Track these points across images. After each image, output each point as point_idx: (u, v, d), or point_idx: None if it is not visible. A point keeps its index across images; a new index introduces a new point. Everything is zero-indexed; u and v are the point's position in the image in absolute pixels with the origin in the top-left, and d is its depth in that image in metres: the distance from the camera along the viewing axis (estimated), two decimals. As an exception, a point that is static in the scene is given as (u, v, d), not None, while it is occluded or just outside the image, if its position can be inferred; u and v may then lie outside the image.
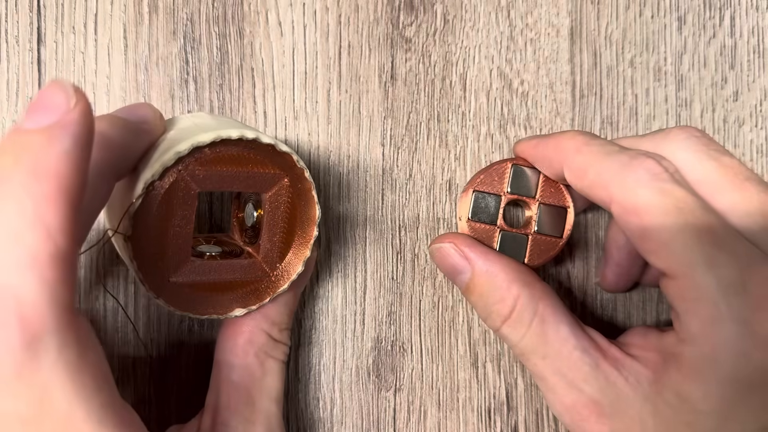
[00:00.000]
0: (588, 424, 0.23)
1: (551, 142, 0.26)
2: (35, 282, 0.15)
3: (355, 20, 0.29)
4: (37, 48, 0.28)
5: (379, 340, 0.29)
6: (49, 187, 0.15)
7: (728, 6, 0.31)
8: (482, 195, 0.27)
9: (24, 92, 0.28)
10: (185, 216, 0.21)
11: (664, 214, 0.21)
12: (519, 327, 0.25)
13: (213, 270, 0.22)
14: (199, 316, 0.22)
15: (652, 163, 0.22)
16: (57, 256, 0.15)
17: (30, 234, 0.15)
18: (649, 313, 0.30)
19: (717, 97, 0.31)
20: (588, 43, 0.30)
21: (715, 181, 0.23)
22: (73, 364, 0.16)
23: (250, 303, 0.23)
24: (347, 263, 0.29)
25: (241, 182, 0.22)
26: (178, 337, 0.28)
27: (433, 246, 0.27)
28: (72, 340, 0.16)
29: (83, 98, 0.16)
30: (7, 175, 0.15)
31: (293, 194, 0.23)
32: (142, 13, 0.28)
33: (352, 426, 0.29)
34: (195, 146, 0.20)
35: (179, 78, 0.28)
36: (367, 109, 0.29)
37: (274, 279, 0.23)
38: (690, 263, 0.21)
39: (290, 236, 0.23)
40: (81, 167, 0.16)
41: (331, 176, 0.29)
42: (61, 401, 0.16)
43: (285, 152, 0.22)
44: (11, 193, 0.15)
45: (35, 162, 0.15)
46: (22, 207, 0.14)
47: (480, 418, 0.29)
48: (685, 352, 0.21)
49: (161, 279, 0.21)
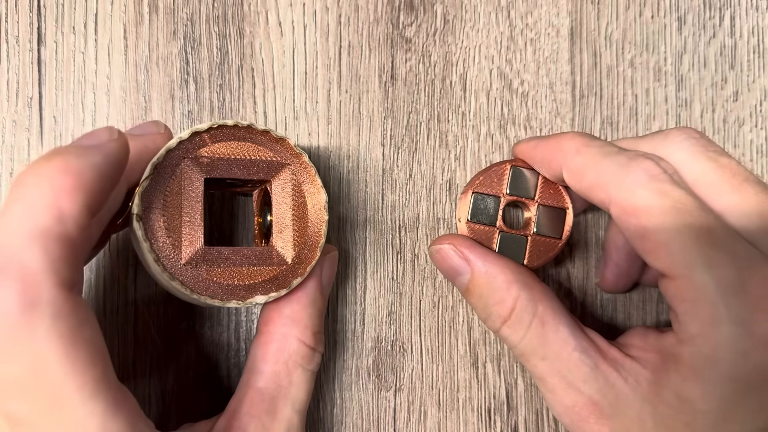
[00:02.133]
0: (588, 424, 0.23)
1: (550, 144, 0.26)
2: (39, 253, 0.16)
3: (355, 20, 0.29)
4: (38, 48, 0.28)
5: (379, 340, 0.29)
6: (71, 183, 0.17)
7: (728, 6, 0.31)
8: (481, 196, 0.27)
9: (24, 92, 0.28)
10: (194, 200, 0.22)
11: (662, 215, 0.21)
12: (518, 328, 0.25)
13: (227, 255, 0.22)
14: (219, 302, 0.22)
15: (650, 164, 0.22)
16: (64, 238, 0.17)
17: (44, 214, 0.16)
18: (649, 313, 0.30)
19: (717, 98, 0.31)
20: (588, 44, 0.30)
21: (713, 182, 0.23)
22: (66, 336, 0.16)
23: (270, 290, 0.23)
24: (347, 263, 0.29)
25: (245, 168, 0.23)
26: (179, 338, 0.28)
27: (432, 247, 0.27)
28: (68, 313, 0.17)
29: (123, 137, 0.19)
30: (38, 167, 0.17)
31: (298, 180, 0.23)
32: (142, 14, 0.28)
33: (352, 426, 0.29)
34: (194, 131, 0.22)
35: (179, 78, 0.28)
36: (367, 109, 0.29)
37: (292, 265, 0.23)
38: (688, 264, 0.21)
39: (303, 223, 0.23)
40: (104, 180, 0.18)
41: (331, 176, 0.29)
42: (55, 370, 0.16)
43: (281, 138, 0.23)
44: (38, 180, 0.17)
45: (66, 164, 0.17)
46: (43, 192, 0.17)
47: (480, 418, 0.29)
48: (684, 353, 0.21)
49: (175, 262, 0.22)
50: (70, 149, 0.18)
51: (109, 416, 0.17)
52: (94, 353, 0.17)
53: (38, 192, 0.17)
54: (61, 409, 0.17)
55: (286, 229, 0.23)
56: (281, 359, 0.23)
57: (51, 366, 0.16)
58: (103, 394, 0.17)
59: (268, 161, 0.23)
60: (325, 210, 0.23)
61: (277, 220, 0.23)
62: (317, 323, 0.24)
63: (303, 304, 0.24)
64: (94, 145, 0.18)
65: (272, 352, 0.24)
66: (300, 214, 0.23)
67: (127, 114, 0.28)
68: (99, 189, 0.17)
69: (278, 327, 0.24)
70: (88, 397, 0.17)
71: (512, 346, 0.25)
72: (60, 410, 0.17)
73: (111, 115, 0.28)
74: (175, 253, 0.22)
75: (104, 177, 0.18)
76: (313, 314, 0.24)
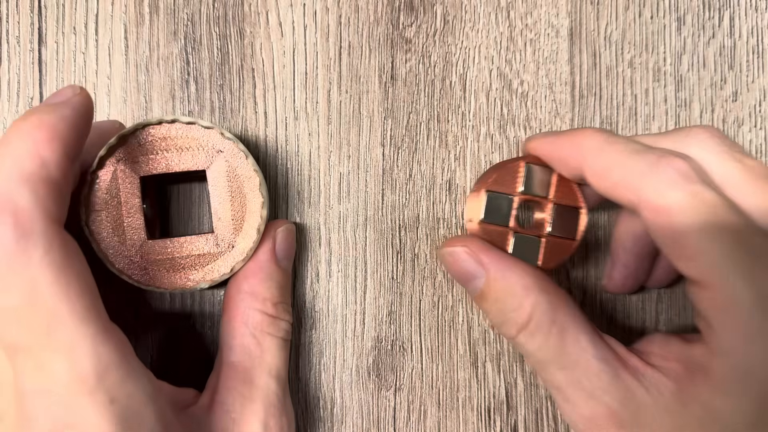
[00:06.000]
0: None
1: (568, 141, 0.24)
2: (28, 193, 0.18)
3: (355, 21, 0.29)
4: (38, 48, 0.28)
5: (379, 340, 0.29)
6: (47, 135, 0.19)
7: (727, 6, 0.31)
8: (495, 195, 0.26)
9: (25, 92, 0.28)
10: (132, 199, 0.24)
11: (696, 219, 0.20)
12: (537, 336, 0.23)
13: (170, 246, 0.25)
14: (164, 289, 0.24)
15: (681, 162, 0.21)
16: (48, 180, 0.19)
17: (29, 161, 0.19)
18: (649, 312, 0.30)
19: (716, 98, 0.31)
20: (587, 44, 0.30)
21: (738, 184, 0.22)
22: (58, 265, 0.18)
23: (213, 273, 0.25)
24: (347, 263, 0.29)
25: (179, 161, 0.24)
26: (178, 336, 0.28)
27: (444, 250, 0.26)
28: (58, 245, 0.18)
29: (85, 91, 0.21)
30: (18, 126, 0.19)
31: (232, 166, 0.25)
32: (142, 14, 0.28)
33: (352, 425, 0.29)
34: (120, 136, 0.24)
35: (180, 78, 0.28)
36: (368, 110, 0.29)
37: (234, 248, 0.25)
38: (726, 273, 0.20)
39: (241, 206, 0.25)
40: (76, 129, 0.20)
41: (331, 176, 0.29)
42: (48, 295, 0.18)
43: (209, 127, 0.24)
44: (19, 135, 0.19)
45: (40, 119, 0.19)
46: (25, 144, 0.19)
47: (480, 417, 0.29)
48: (715, 365, 0.21)
49: (122, 257, 0.24)
50: (42, 107, 0.20)
51: (100, 341, 0.19)
52: (84, 284, 0.19)
53: (21, 145, 0.19)
54: (55, 332, 0.18)
55: (225, 215, 0.25)
56: (247, 332, 0.25)
57: (44, 291, 0.18)
58: (94, 320, 0.19)
59: (199, 151, 0.25)
60: (260, 191, 0.25)
61: (216, 207, 0.25)
62: (277, 294, 0.25)
63: (259, 278, 0.25)
64: (62, 101, 0.20)
65: (237, 326, 0.25)
66: (237, 198, 0.25)
67: (127, 114, 0.28)
68: (73, 137, 0.20)
69: (239, 302, 0.25)
70: (80, 322, 0.18)
71: (528, 354, 0.24)
72: (54, 334, 0.18)
73: (112, 115, 0.28)
74: (121, 250, 0.24)
75: (75, 126, 0.20)
76: (271, 287, 0.25)
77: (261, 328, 0.25)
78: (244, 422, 0.24)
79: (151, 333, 0.28)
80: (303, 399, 0.29)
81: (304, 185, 0.29)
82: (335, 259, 0.29)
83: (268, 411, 0.24)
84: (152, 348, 0.28)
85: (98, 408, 0.19)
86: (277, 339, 0.25)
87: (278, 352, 0.25)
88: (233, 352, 0.25)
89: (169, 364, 0.28)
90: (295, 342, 0.29)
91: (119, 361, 0.19)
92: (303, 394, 0.29)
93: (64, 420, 0.19)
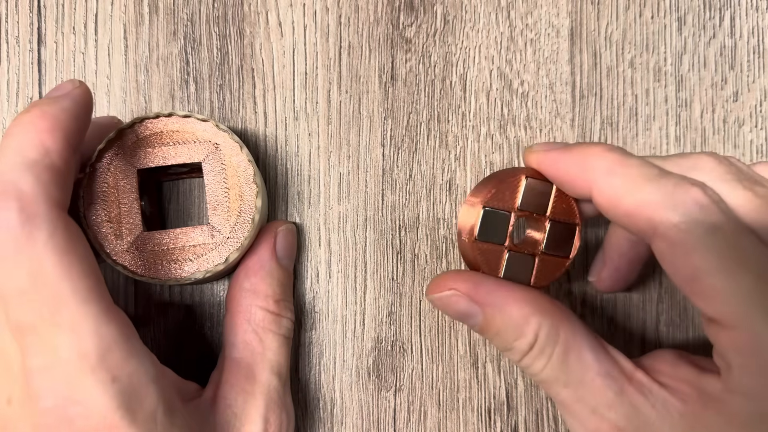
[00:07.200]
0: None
1: (575, 158, 0.23)
2: (32, 179, 0.19)
3: (355, 21, 0.29)
4: (38, 48, 0.28)
5: (379, 340, 0.29)
6: (49, 125, 0.20)
7: (728, 6, 0.31)
8: (493, 212, 0.24)
9: (24, 92, 0.28)
10: (129, 192, 0.25)
11: (718, 256, 0.20)
12: (541, 359, 0.23)
13: (166, 238, 0.25)
14: (160, 281, 0.25)
15: (699, 192, 0.21)
16: (51, 167, 0.20)
17: (32, 150, 0.20)
18: (650, 313, 0.30)
19: (717, 98, 0.31)
20: (588, 44, 0.30)
21: (749, 213, 0.21)
22: (62, 248, 0.19)
23: (208, 265, 0.25)
24: (347, 263, 0.29)
25: (175, 154, 0.25)
26: (179, 336, 0.28)
27: (432, 296, 0.25)
28: (62, 228, 0.19)
29: (84, 84, 0.22)
30: (21, 117, 0.20)
31: (227, 158, 0.25)
32: (142, 14, 0.28)
33: (352, 426, 0.29)
34: (119, 130, 0.24)
35: (180, 78, 0.28)
36: (367, 110, 0.29)
37: (229, 240, 0.25)
38: (749, 315, 0.19)
39: (236, 198, 0.25)
40: (76, 119, 0.21)
41: (331, 176, 0.29)
42: (52, 276, 0.19)
43: (204, 119, 0.25)
44: (22, 126, 0.20)
45: (42, 111, 0.20)
46: (28, 134, 0.20)
47: (480, 418, 0.29)
48: (734, 403, 0.20)
49: (118, 249, 0.24)
50: (44, 100, 0.21)
51: (103, 321, 0.19)
52: (86, 266, 0.20)
53: (25, 135, 0.20)
54: (59, 311, 0.19)
55: (220, 206, 0.25)
56: (249, 329, 0.25)
57: (49, 273, 0.19)
58: (96, 301, 0.19)
59: (195, 144, 0.25)
60: (254, 181, 0.25)
61: (211, 198, 0.25)
62: (278, 292, 0.26)
63: (260, 276, 0.26)
64: (63, 94, 0.21)
65: (240, 323, 0.25)
66: (232, 190, 0.25)
67: (127, 114, 0.28)
68: (74, 127, 0.21)
69: (241, 300, 0.25)
70: (82, 301, 0.19)
71: (533, 375, 0.24)
72: (58, 313, 0.19)
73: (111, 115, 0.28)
74: (117, 241, 0.24)
75: (76, 117, 0.21)
76: (272, 284, 0.26)
77: (263, 325, 0.25)
78: (246, 417, 0.24)
79: (152, 333, 0.28)
80: (303, 399, 0.29)
81: (303, 185, 0.29)
82: (335, 260, 0.29)
83: (268, 406, 0.25)
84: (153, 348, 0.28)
85: (100, 386, 0.19)
86: (278, 336, 0.25)
87: (280, 349, 0.25)
88: (236, 349, 0.25)
89: (171, 361, 0.28)
90: (295, 342, 0.29)
91: (121, 341, 0.20)
92: (303, 394, 0.29)
93: (68, 396, 0.19)
